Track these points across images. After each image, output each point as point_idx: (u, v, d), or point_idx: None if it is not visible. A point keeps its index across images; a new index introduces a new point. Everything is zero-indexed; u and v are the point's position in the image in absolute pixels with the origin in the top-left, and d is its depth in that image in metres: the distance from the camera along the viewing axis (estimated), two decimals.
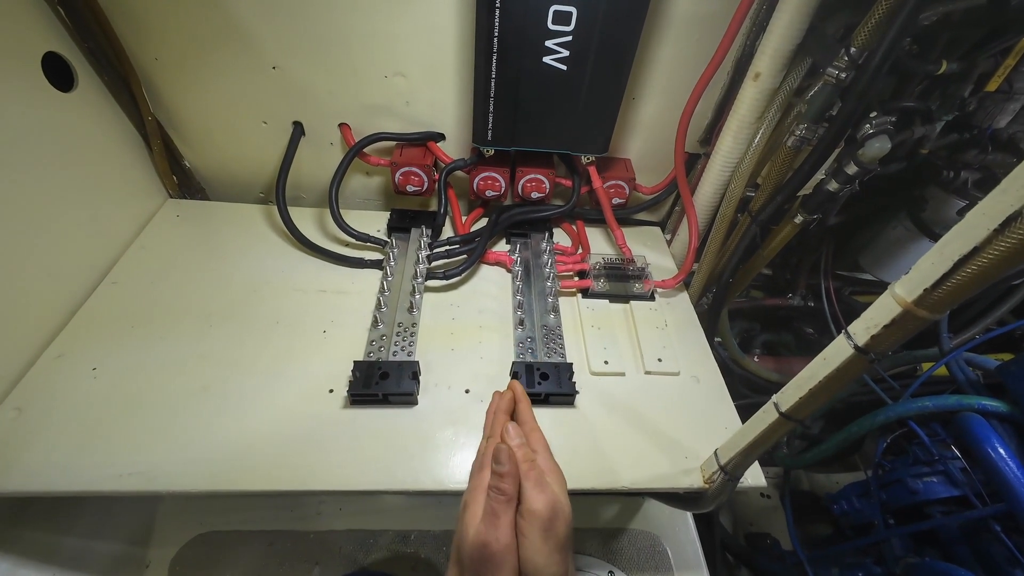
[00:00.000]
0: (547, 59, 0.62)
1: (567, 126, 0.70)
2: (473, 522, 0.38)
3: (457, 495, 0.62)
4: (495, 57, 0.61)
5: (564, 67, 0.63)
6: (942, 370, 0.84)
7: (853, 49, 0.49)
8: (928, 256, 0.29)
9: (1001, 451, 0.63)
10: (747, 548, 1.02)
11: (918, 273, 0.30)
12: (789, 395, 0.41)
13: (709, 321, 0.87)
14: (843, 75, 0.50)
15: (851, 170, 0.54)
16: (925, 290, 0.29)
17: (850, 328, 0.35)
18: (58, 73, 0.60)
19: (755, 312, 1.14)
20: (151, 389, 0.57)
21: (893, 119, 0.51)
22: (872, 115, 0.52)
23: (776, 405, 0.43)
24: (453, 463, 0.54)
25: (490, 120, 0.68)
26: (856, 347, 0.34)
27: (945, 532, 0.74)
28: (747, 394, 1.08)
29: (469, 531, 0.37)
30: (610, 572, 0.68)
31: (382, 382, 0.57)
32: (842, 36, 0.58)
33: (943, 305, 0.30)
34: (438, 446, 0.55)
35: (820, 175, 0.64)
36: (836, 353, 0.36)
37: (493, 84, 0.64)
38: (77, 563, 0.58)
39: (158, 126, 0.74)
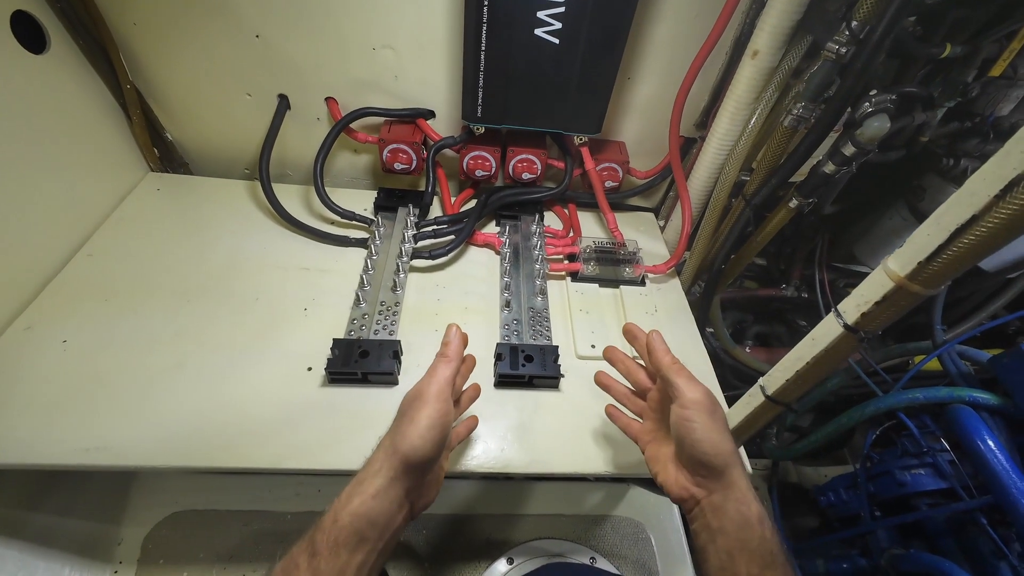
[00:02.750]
0: (539, 31, 0.60)
1: (560, 104, 0.68)
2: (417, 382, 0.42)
3: None
4: (485, 28, 0.59)
5: (556, 40, 0.61)
6: (934, 364, 0.83)
7: (855, 23, 0.47)
8: (924, 227, 0.27)
9: (990, 443, 0.63)
10: None
11: (912, 246, 0.28)
12: (776, 377, 0.40)
13: (701, 310, 0.86)
14: (843, 51, 0.48)
15: (848, 151, 0.52)
16: (919, 263, 0.28)
17: (840, 306, 0.34)
18: (29, 33, 0.58)
19: (748, 302, 1.12)
20: (124, 363, 0.55)
21: (893, 97, 0.50)
22: (872, 93, 0.50)
23: (762, 388, 0.42)
24: None
25: (480, 95, 0.66)
26: (846, 325, 0.33)
27: (931, 524, 0.73)
28: (737, 385, 1.08)
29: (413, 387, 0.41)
30: (592, 558, 0.68)
31: (361, 360, 0.55)
32: (843, 14, 0.56)
33: (937, 280, 0.28)
34: None
35: (815, 158, 0.62)
36: (825, 333, 0.35)
37: (483, 57, 0.62)
38: (46, 539, 0.57)
39: (137, 95, 0.72)
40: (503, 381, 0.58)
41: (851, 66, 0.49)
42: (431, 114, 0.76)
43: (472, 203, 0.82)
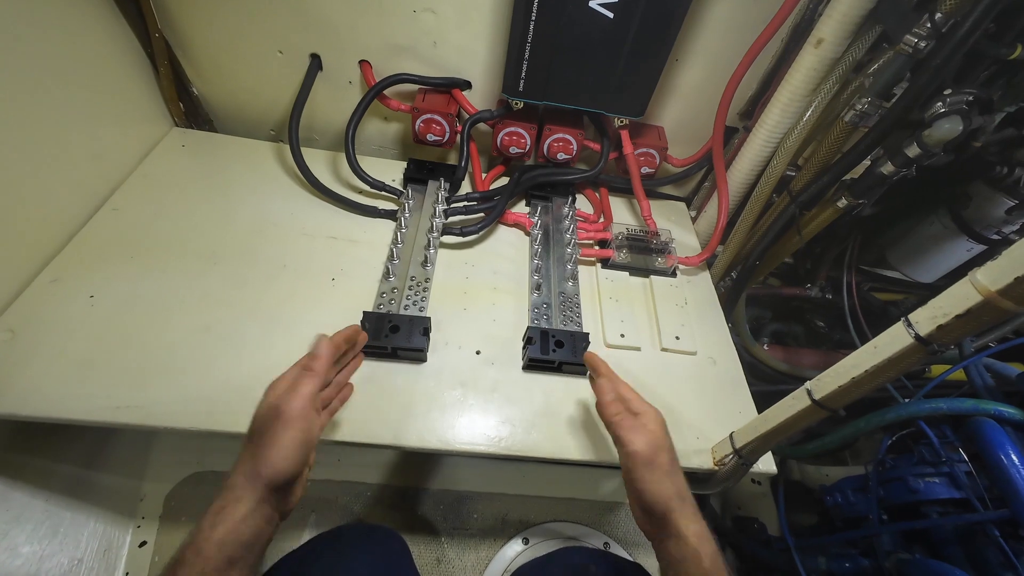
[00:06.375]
0: (594, 3, 0.57)
1: (605, 83, 0.65)
2: (273, 391, 0.39)
3: (462, 456, 0.61)
4: None
5: (611, 15, 0.58)
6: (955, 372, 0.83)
7: (938, 15, 0.45)
8: None
9: (1014, 458, 0.62)
10: (735, 530, 1.03)
11: (1010, 260, 0.27)
12: (826, 383, 0.39)
13: (727, 304, 0.84)
14: (922, 44, 0.46)
15: (912, 152, 0.50)
16: (1017, 279, 0.26)
17: (912, 316, 0.32)
18: None
19: (769, 299, 1.11)
20: (150, 323, 0.54)
21: (970, 98, 0.47)
22: (946, 92, 0.48)
23: (809, 392, 0.41)
24: (460, 424, 0.53)
25: (524, 69, 0.64)
26: (917, 336, 0.32)
27: (938, 532, 0.74)
28: (752, 382, 1.07)
29: (268, 397, 0.39)
30: (606, 543, 0.68)
31: (392, 335, 0.54)
32: (916, 5, 0.53)
33: None
34: (445, 406, 0.54)
35: (866, 159, 0.60)
36: (890, 342, 0.34)
37: (532, 27, 0.59)
38: (72, 490, 0.57)
39: (166, 46, 0.69)
40: (532, 365, 0.58)
41: (928, 62, 0.46)
42: (468, 85, 0.73)
43: (502, 180, 0.80)
